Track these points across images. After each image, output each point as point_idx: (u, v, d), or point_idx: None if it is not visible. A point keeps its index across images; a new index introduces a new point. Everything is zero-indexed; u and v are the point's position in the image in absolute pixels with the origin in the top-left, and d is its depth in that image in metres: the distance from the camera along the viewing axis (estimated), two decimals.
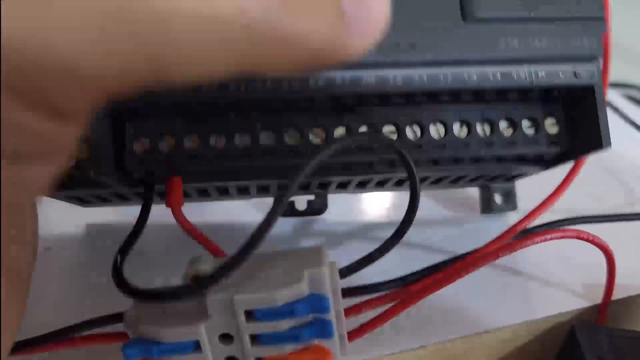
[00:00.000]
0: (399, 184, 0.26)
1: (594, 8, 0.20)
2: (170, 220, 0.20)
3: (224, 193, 0.26)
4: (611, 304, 0.27)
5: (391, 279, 0.21)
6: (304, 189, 0.26)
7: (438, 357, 0.26)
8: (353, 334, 0.21)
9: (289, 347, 0.18)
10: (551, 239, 0.22)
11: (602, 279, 0.27)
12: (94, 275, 0.24)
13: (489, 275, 0.28)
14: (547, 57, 0.20)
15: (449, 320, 0.27)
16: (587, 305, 0.28)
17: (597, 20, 0.20)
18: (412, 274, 0.21)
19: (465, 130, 0.21)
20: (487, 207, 0.29)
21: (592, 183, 0.33)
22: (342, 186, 0.26)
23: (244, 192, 0.25)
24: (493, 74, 0.20)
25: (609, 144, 0.20)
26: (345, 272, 0.20)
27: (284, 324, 0.18)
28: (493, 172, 0.24)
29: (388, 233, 0.21)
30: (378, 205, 0.24)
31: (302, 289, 0.17)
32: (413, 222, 0.19)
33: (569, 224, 0.22)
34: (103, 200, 0.25)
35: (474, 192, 0.30)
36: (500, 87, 0.20)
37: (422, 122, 0.21)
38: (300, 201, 0.29)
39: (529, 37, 0.20)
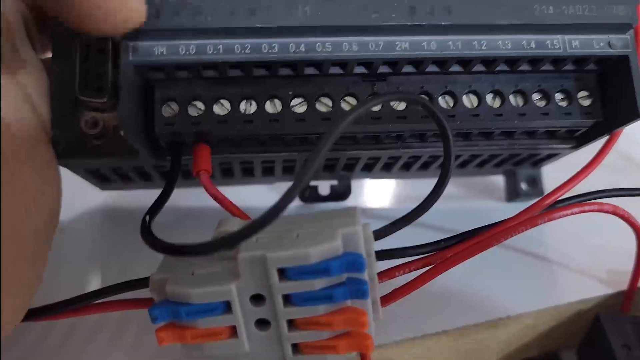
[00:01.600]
0: (424, 166, 0.26)
1: None
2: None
3: (248, 173, 0.25)
4: (637, 291, 0.27)
5: (424, 242, 0.20)
6: (329, 170, 0.26)
7: (460, 341, 0.26)
8: (385, 299, 0.20)
9: (322, 308, 0.17)
10: (585, 211, 0.21)
11: (627, 265, 0.26)
12: (109, 256, 0.23)
13: (512, 259, 0.28)
14: (582, 25, 0.20)
15: (471, 305, 0.26)
16: (611, 292, 0.27)
17: None
18: (445, 240, 0.20)
19: (498, 101, 0.21)
20: (513, 193, 0.28)
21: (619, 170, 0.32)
22: (368, 168, 0.26)
23: (268, 173, 0.25)
24: (527, 42, 0.20)
25: None
26: (378, 234, 0.19)
27: (318, 283, 0.17)
28: (524, 149, 0.24)
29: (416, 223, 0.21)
30: (402, 192, 0.23)
31: (337, 246, 0.17)
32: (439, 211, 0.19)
33: (602, 196, 0.22)
34: (124, 179, 0.25)
35: (499, 182, 0.30)
36: (534, 56, 0.20)
37: (455, 92, 0.21)
38: (324, 186, 0.28)
39: (563, 4, 0.20)
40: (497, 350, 0.27)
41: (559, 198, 0.21)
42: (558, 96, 0.21)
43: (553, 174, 0.28)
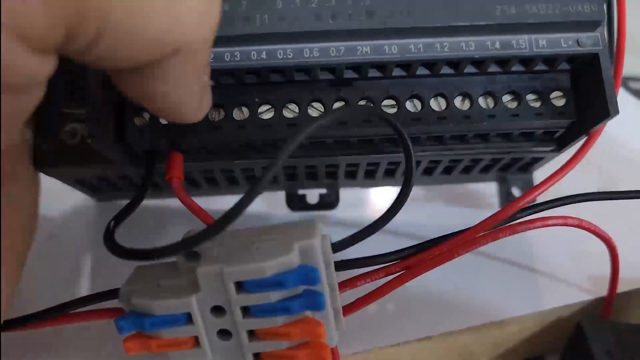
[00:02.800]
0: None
1: None
2: None
3: (232, 182, 0.26)
4: (617, 297, 0.26)
5: (387, 252, 0.20)
6: (313, 179, 0.26)
7: (443, 347, 0.25)
8: (348, 308, 0.20)
9: (280, 319, 0.18)
10: (548, 225, 0.21)
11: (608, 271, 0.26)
12: (99, 261, 0.24)
13: (495, 266, 0.28)
14: (547, 24, 0.20)
15: (455, 310, 0.26)
16: (593, 298, 0.27)
17: None
18: (408, 248, 0.20)
19: (467, 103, 0.21)
20: (506, 200, 0.28)
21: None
22: (351, 175, 0.26)
23: (252, 181, 0.25)
24: (492, 42, 0.20)
25: (616, 112, 0.20)
26: (339, 246, 0.19)
27: (274, 296, 0.17)
28: (504, 153, 0.23)
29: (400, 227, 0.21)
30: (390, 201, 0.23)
31: (292, 260, 0.17)
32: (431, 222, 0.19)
33: (567, 203, 0.21)
34: (115, 188, 0.26)
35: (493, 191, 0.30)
36: (499, 57, 0.20)
37: (421, 95, 0.21)
38: (312, 195, 0.28)
39: (526, 3, 0.20)
40: (482, 355, 0.27)
41: (524, 206, 0.20)
42: (530, 97, 0.21)
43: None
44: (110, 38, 0.13)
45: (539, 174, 0.28)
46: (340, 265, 0.19)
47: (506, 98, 0.21)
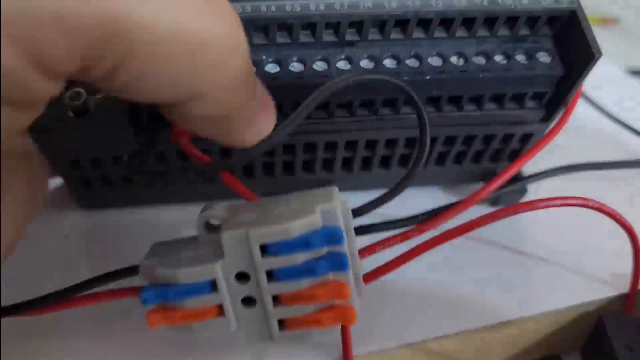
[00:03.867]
0: (404, 161, 0.26)
1: None
2: None
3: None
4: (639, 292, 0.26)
5: (402, 217, 0.21)
6: (310, 170, 0.26)
7: (461, 346, 0.24)
8: (368, 276, 0.20)
9: (305, 282, 0.18)
10: (568, 204, 0.22)
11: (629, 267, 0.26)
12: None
13: (512, 263, 0.27)
14: None
15: (472, 309, 0.25)
16: (614, 294, 0.26)
17: None
18: (422, 214, 0.21)
19: (462, 61, 0.22)
20: (496, 201, 0.29)
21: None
22: (347, 165, 0.26)
23: None
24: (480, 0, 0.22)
25: (599, 53, 0.21)
26: (358, 211, 0.20)
27: (299, 257, 0.17)
28: (496, 123, 0.24)
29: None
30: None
31: (316, 220, 0.17)
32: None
33: (570, 171, 0.22)
34: (104, 183, 0.25)
35: None
36: (487, 13, 0.22)
37: (420, 54, 0.22)
38: None
39: None
40: (499, 353, 0.25)
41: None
42: (520, 57, 0.23)
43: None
44: (126, 76, 0.13)
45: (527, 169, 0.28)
46: (359, 230, 0.20)
47: (498, 58, 0.23)
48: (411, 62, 0.22)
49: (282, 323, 0.19)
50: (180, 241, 0.20)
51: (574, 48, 0.22)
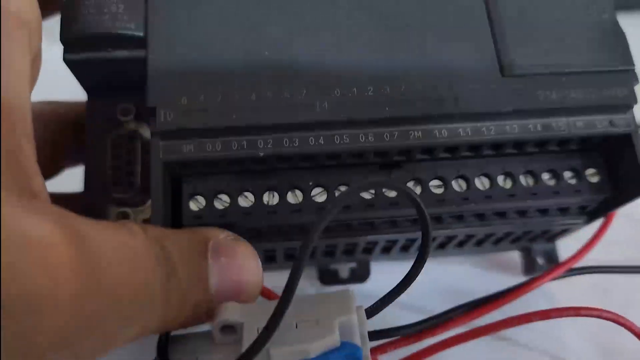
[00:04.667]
0: (442, 246, 0.27)
1: (623, 60, 0.21)
2: None
3: (289, 258, 0.26)
4: None
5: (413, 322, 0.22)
6: (349, 254, 0.27)
7: None
8: None
9: None
10: (580, 315, 0.22)
11: None
12: None
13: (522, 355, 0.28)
14: (584, 108, 0.21)
15: None
16: None
17: (628, 72, 0.21)
18: (433, 317, 0.22)
19: (509, 182, 0.22)
20: (530, 268, 0.29)
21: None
22: (386, 250, 0.27)
23: (290, 257, 0.26)
24: (533, 125, 0.21)
25: None
26: (371, 312, 0.20)
27: None
28: (538, 227, 0.24)
29: (430, 301, 0.21)
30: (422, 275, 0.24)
31: (335, 339, 0.18)
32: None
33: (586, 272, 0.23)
34: None
35: (516, 257, 0.30)
36: (540, 138, 0.21)
37: (467, 175, 0.22)
38: (344, 269, 0.29)
39: (565, 89, 0.21)
40: None
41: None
42: (567, 174, 0.22)
43: (568, 246, 0.28)
44: None
45: (561, 243, 0.29)
46: (373, 336, 0.20)
47: (545, 176, 0.22)
48: (457, 186, 0.22)
49: None
50: (199, 337, 0.20)
51: (625, 171, 0.22)
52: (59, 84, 0.23)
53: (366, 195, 0.21)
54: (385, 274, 0.29)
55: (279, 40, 0.21)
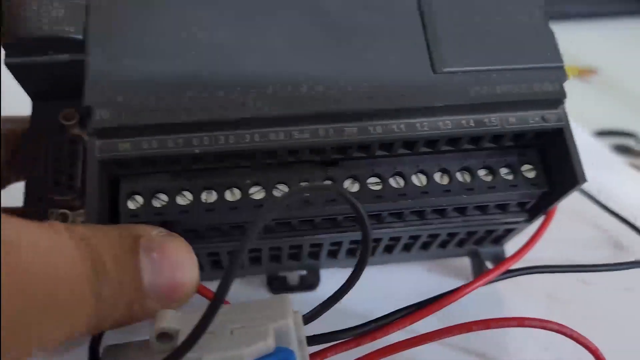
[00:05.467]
0: (388, 250, 0.27)
1: (552, 57, 0.22)
2: None
3: (217, 265, 0.26)
4: None
5: (353, 325, 0.21)
6: (295, 259, 0.27)
7: None
8: None
9: None
10: (524, 325, 0.22)
11: None
12: None
13: None
14: (516, 103, 0.22)
15: None
16: None
17: (557, 69, 0.22)
18: (375, 320, 0.21)
19: (446, 178, 0.22)
20: (479, 272, 0.29)
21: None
22: (333, 255, 0.27)
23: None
24: (466, 121, 0.22)
25: (584, 179, 0.21)
26: (309, 318, 0.20)
27: None
28: (480, 226, 0.25)
29: (381, 306, 0.22)
30: (372, 281, 0.24)
31: (269, 344, 0.18)
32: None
33: (530, 272, 0.23)
34: None
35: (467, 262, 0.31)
36: (474, 133, 0.22)
37: (403, 172, 0.22)
38: (293, 276, 0.29)
39: (496, 85, 0.21)
40: None
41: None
42: (503, 170, 0.23)
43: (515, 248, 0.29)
44: None
45: (510, 245, 0.29)
46: (312, 340, 0.20)
47: (481, 172, 0.23)
48: (395, 182, 0.22)
49: None
50: (135, 346, 0.19)
51: (559, 166, 0.22)
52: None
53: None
54: (337, 280, 0.29)
55: (213, 41, 0.21)
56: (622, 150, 0.47)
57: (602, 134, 0.48)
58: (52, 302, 0.15)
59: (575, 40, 0.52)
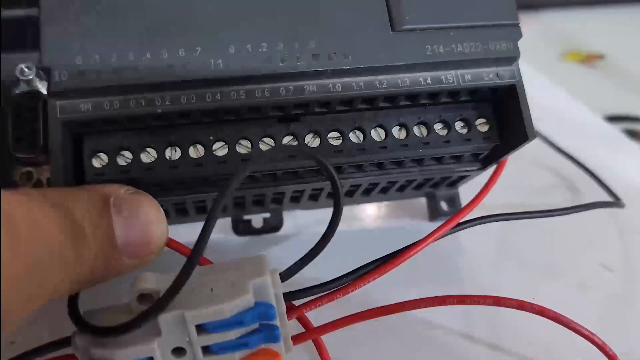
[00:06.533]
0: (349, 194, 0.28)
1: (508, 16, 0.22)
2: None
3: (182, 213, 0.27)
4: None
5: (326, 280, 0.22)
6: (259, 204, 0.28)
7: None
8: (298, 338, 0.22)
9: (238, 354, 0.19)
10: (503, 305, 0.23)
11: None
12: None
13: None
14: (471, 61, 0.22)
15: None
16: None
17: (513, 27, 0.22)
18: (347, 274, 0.22)
19: (404, 132, 0.23)
20: (435, 213, 0.31)
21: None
22: (295, 200, 0.28)
23: (201, 209, 0.27)
24: (424, 78, 0.22)
25: (533, 136, 0.22)
26: (287, 274, 0.21)
27: (233, 334, 0.19)
28: (435, 174, 0.26)
29: (346, 245, 0.23)
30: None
31: (249, 299, 0.19)
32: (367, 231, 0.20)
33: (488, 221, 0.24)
34: None
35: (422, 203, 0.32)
36: (431, 90, 0.22)
37: (363, 127, 0.23)
38: (257, 219, 0.30)
39: (452, 43, 0.22)
40: None
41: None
42: (458, 124, 0.24)
43: (469, 191, 0.30)
44: None
45: (463, 187, 0.30)
46: (288, 296, 0.21)
47: (438, 126, 0.23)
48: (355, 137, 0.23)
49: None
50: (113, 308, 0.20)
51: (511, 122, 0.23)
52: None
53: (264, 147, 0.22)
54: (299, 221, 0.31)
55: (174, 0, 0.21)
56: (630, 134, 0.47)
57: (611, 119, 0.48)
58: (38, 268, 0.16)
59: (581, 26, 0.53)
